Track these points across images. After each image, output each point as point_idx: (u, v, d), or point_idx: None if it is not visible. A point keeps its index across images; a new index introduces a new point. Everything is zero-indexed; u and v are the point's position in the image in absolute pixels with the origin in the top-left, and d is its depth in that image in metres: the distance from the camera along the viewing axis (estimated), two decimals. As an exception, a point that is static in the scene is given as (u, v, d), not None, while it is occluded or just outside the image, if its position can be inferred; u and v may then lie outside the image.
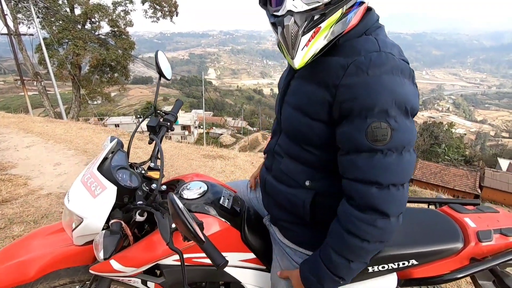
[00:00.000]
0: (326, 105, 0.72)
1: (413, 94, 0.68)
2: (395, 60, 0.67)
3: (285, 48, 0.71)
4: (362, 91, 0.65)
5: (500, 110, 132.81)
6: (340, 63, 0.70)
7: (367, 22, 0.75)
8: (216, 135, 43.26)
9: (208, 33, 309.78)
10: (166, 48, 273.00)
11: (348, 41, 0.73)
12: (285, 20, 0.66)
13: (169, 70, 1.21)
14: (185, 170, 3.40)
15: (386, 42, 0.72)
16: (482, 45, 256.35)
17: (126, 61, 16.35)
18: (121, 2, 15.80)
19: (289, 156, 0.88)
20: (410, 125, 0.67)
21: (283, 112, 0.89)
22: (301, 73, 0.82)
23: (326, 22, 0.67)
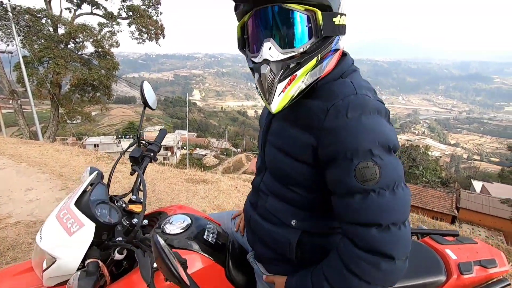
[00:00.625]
0: (311, 148, 0.73)
1: (391, 131, 0.70)
2: (371, 101, 0.70)
3: (262, 94, 0.73)
4: (344, 134, 0.66)
5: (470, 134, 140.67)
6: (320, 107, 0.72)
7: (342, 66, 0.79)
8: (199, 156, 42.72)
9: (193, 55, 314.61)
10: (150, 69, 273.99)
11: (326, 84, 0.76)
12: (261, 68, 0.68)
13: (154, 100, 1.21)
14: (167, 195, 3.30)
15: (362, 85, 0.74)
16: (452, 74, 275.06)
17: (109, 81, 16.17)
18: (108, 23, 15.91)
19: (274, 195, 0.88)
20: (395, 161, 0.68)
21: (266, 151, 0.90)
22: (283, 115, 0.83)
23: (302, 70, 0.69)
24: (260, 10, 0.69)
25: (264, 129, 0.93)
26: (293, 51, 0.68)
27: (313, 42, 0.69)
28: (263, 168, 0.95)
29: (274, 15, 0.68)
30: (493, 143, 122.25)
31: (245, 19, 0.74)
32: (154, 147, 1.15)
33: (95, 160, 4.44)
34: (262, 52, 0.68)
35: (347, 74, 0.78)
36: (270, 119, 0.90)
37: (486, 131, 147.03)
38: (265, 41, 0.68)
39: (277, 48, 0.68)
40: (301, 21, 0.68)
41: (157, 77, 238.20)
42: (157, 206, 3.00)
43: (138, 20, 15.68)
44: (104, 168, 4.09)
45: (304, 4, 0.66)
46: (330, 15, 0.68)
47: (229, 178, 4.64)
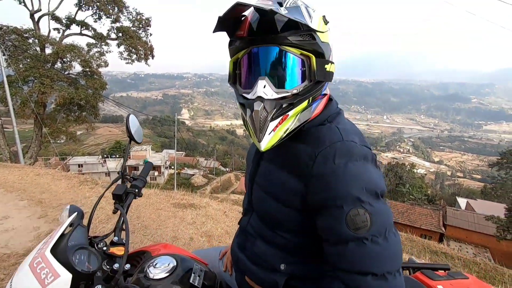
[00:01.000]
0: (299, 194, 0.73)
1: (378, 177, 0.70)
2: (357, 147, 0.70)
3: (252, 130, 0.73)
4: (332, 181, 0.67)
5: (453, 152, 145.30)
6: (308, 152, 0.72)
7: (329, 110, 0.81)
8: (187, 175, 42.07)
9: (182, 75, 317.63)
10: (139, 88, 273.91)
11: (313, 128, 0.77)
12: (255, 105, 0.69)
13: (140, 133, 1.18)
14: (153, 222, 3.18)
15: (347, 130, 0.75)
16: (432, 94, 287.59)
17: (96, 100, 15.99)
18: (97, 44, 15.97)
19: (262, 239, 0.86)
20: (384, 206, 0.68)
21: (254, 193, 0.89)
22: (271, 156, 0.84)
23: (293, 111, 0.71)
24: (257, 48, 0.70)
25: (252, 170, 0.92)
26: (286, 92, 0.70)
27: (306, 85, 0.71)
28: (250, 209, 0.94)
29: (271, 56, 0.70)
30: (474, 161, 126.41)
31: (239, 55, 0.75)
32: (139, 183, 1.10)
33: (77, 185, 4.27)
34: (256, 89, 0.69)
35: (332, 117, 0.80)
36: (258, 160, 0.90)
37: (467, 148, 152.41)
38: (260, 79, 0.70)
39: (272, 87, 0.69)
40: (297, 64, 0.70)
41: (145, 96, 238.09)
42: (142, 234, 2.88)
43: (127, 41, 15.82)
44: (87, 193, 3.94)
45: (300, 49, 0.69)
46: (322, 61, 0.72)
47: (217, 201, 4.54)
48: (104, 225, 2.86)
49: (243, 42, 0.72)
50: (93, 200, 3.60)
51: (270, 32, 0.66)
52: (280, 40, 0.67)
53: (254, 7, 0.65)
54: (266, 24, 0.65)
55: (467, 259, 6.07)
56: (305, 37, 0.68)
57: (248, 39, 0.70)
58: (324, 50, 0.71)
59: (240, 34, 0.71)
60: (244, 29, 0.69)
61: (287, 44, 0.68)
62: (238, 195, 24.32)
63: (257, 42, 0.70)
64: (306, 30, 0.68)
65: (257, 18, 0.67)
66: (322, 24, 0.72)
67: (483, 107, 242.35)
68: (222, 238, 3.03)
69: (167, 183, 38.18)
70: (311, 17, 0.70)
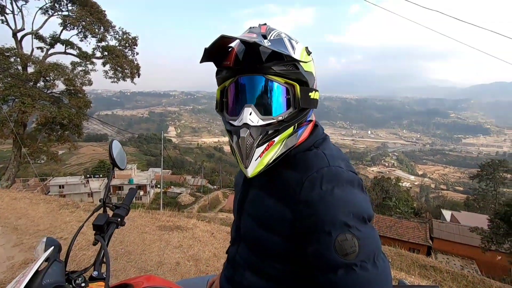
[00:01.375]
0: (288, 221, 0.72)
1: (365, 202, 0.71)
2: (344, 172, 0.72)
3: (239, 157, 0.74)
4: (320, 207, 0.67)
5: (435, 165, 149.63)
6: (296, 178, 0.73)
7: (315, 136, 0.83)
8: (174, 194, 41.11)
9: (169, 93, 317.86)
10: (125, 106, 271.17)
11: (300, 154, 0.79)
12: (241, 132, 0.71)
13: (124, 158, 1.15)
14: (137, 247, 3.05)
15: (334, 156, 0.77)
16: (413, 110, 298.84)
17: (80, 119, 15.65)
18: (81, 62, 15.82)
19: (251, 270, 0.84)
20: (371, 231, 0.68)
21: (242, 221, 0.88)
22: (259, 183, 0.84)
23: (279, 137, 0.73)
24: (244, 77, 0.74)
25: (241, 197, 0.91)
26: (272, 119, 0.72)
27: (291, 112, 0.74)
28: (238, 238, 0.92)
29: (256, 84, 0.73)
30: (456, 173, 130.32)
31: (226, 84, 0.78)
32: (122, 211, 1.05)
33: (57, 209, 4.06)
34: (242, 116, 0.72)
35: (319, 143, 0.82)
36: (247, 187, 0.89)
37: (449, 161, 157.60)
38: (246, 106, 0.72)
39: (258, 114, 0.72)
40: (282, 92, 0.73)
41: (131, 114, 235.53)
42: (125, 260, 2.75)
43: (113, 60, 15.78)
44: (67, 218, 3.76)
45: (284, 78, 0.72)
46: (306, 89, 0.75)
47: (204, 222, 4.42)
48: (84, 252, 2.72)
49: (230, 72, 0.75)
50: (73, 226, 3.43)
51: (255, 62, 0.70)
52: (265, 70, 0.70)
53: (240, 40, 0.68)
54: (252, 55, 0.69)
55: (456, 272, 6.12)
56: (288, 67, 0.72)
57: (235, 69, 0.73)
58: (307, 79, 0.74)
59: (227, 64, 0.74)
60: (231, 59, 0.73)
61: (271, 74, 0.71)
62: (226, 213, 23.87)
63: (243, 72, 0.73)
64: (289, 60, 0.71)
65: (243, 49, 0.71)
66: (305, 54, 0.76)
67: (461, 122, 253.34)
68: (210, 262, 2.92)
69: (153, 202, 37.13)
70: (294, 48, 0.73)
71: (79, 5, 14.79)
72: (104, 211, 1.01)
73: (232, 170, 73.02)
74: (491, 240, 14.42)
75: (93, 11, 15.01)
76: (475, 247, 17.25)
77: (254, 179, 0.79)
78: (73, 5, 15.06)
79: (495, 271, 13.39)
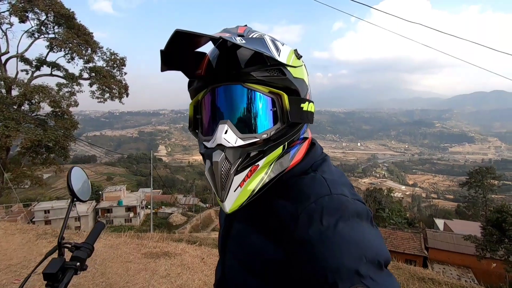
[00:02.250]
0: (278, 264, 0.58)
1: (378, 240, 0.55)
2: (349, 202, 0.57)
3: (213, 187, 0.59)
4: (321, 248, 0.51)
5: (425, 174, 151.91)
6: (290, 210, 0.59)
7: (312, 157, 0.69)
8: (165, 214, 40.08)
9: (159, 112, 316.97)
10: (114, 126, 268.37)
11: (294, 179, 0.64)
12: (214, 155, 0.57)
13: (88, 188, 1.00)
14: (120, 278, 2.83)
15: (335, 181, 0.62)
16: (400, 121, 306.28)
17: (67, 141, 15.27)
18: (67, 83, 15.63)
19: None
20: (389, 279, 0.51)
21: (227, 263, 0.74)
22: (244, 216, 0.70)
23: (265, 160, 0.59)
24: (218, 88, 0.61)
25: (223, 233, 0.76)
26: (254, 137, 0.59)
27: (279, 128, 0.61)
28: (222, 282, 0.76)
29: (233, 95, 0.60)
30: (445, 181, 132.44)
31: (199, 97, 0.65)
32: (83, 253, 0.87)
33: (34, 239, 3.79)
34: (216, 136, 0.58)
35: (317, 165, 0.67)
36: (230, 220, 0.75)
37: (437, 170, 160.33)
38: (220, 123, 0.58)
39: (235, 132, 0.58)
40: (265, 103, 0.60)
41: (120, 134, 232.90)
42: (107, 294, 2.53)
43: (100, 81, 15.67)
44: (44, 249, 3.50)
45: (268, 86, 0.59)
46: (297, 100, 0.62)
47: (194, 247, 4.19)
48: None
49: (202, 82, 0.62)
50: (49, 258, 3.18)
51: (231, 69, 0.58)
52: (243, 77, 0.58)
53: (204, 36, 0.54)
54: (227, 59, 0.58)
55: (454, 283, 5.99)
56: (273, 72, 0.59)
57: (207, 78, 0.61)
58: (298, 87, 0.61)
59: (199, 73, 0.62)
60: (203, 67, 0.61)
61: (251, 81, 0.58)
62: (219, 233, 23.21)
63: (217, 81, 0.60)
64: (273, 65, 0.58)
65: (216, 53, 0.60)
66: (293, 58, 0.63)
67: (446, 131, 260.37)
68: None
69: (143, 224, 36.03)
70: (278, 49, 0.60)
71: (66, 27, 14.78)
72: (59, 254, 0.84)
73: (224, 187, 71.85)
74: (485, 247, 14.46)
75: (80, 33, 15.01)
76: (470, 255, 17.24)
77: (237, 210, 0.62)
78: (59, 28, 15.04)
79: (491, 279, 13.33)
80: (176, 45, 0.55)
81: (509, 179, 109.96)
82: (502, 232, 13.57)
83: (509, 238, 13.26)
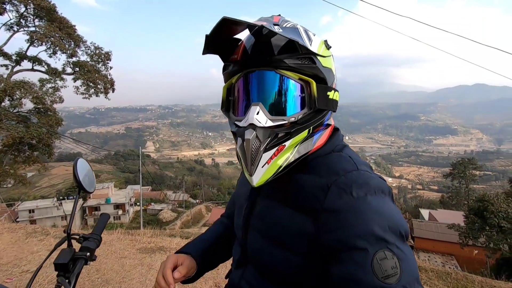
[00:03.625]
0: (307, 235, 0.61)
1: (399, 215, 0.60)
2: (375, 179, 0.62)
3: (243, 162, 0.64)
4: (351, 217, 0.56)
5: (410, 166, 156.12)
6: (318, 184, 0.63)
7: (334, 141, 0.74)
8: (155, 211, 39.72)
9: (146, 107, 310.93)
10: (100, 123, 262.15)
11: (319, 158, 0.69)
12: (246, 133, 0.61)
13: (92, 180, 1.00)
14: (116, 274, 2.81)
15: (360, 161, 0.68)
16: (386, 115, 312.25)
17: (51, 138, 14.82)
18: (51, 79, 15.11)
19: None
20: (410, 250, 0.57)
21: (249, 240, 0.75)
22: (269, 192, 0.73)
23: (291, 141, 0.63)
24: (252, 73, 0.65)
25: (246, 211, 0.78)
26: (283, 119, 0.63)
27: (306, 113, 0.65)
28: (243, 260, 0.78)
29: (266, 80, 0.64)
30: (430, 173, 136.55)
31: (233, 80, 0.69)
32: (92, 243, 0.88)
33: (23, 238, 3.69)
34: (248, 116, 0.62)
35: (339, 148, 0.72)
36: (253, 197, 0.77)
37: (423, 162, 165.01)
38: (253, 105, 0.63)
39: (266, 114, 0.62)
40: (295, 89, 0.64)
41: (106, 131, 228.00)
42: (103, 290, 2.51)
43: (84, 76, 15.21)
44: (35, 247, 3.43)
45: (299, 73, 0.63)
46: (325, 88, 0.66)
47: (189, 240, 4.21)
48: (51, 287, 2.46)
49: (237, 66, 0.67)
50: (42, 256, 3.12)
51: (265, 55, 0.62)
52: (276, 63, 0.62)
53: (246, 23, 0.59)
54: (262, 46, 0.62)
55: (440, 270, 6.24)
56: (304, 60, 0.62)
57: (242, 63, 0.65)
58: (325, 76, 0.65)
59: (234, 58, 0.66)
60: (239, 52, 0.65)
61: (283, 68, 0.62)
62: (210, 228, 23.21)
63: (251, 66, 0.64)
64: (305, 53, 0.62)
65: (252, 41, 0.63)
66: (323, 48, 0.67)
67: (431, 124, 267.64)
68: (197, 284, 2.74)
69: (132, 221, 35.63)
70: (310, 39, 0.65)
71: (47, 20, 14.23)
72: (68, 245, 0.84)
73: (214, 183, 71.98)
74: (467, 235, 15.03)
75: (62, 26, 14.49)
76: (453, 244, 17.93)
77: (264, 187, 0.67)
78: (40, 21, 14.47)
79: (473, 265, 13.93)
80: (220, 31, 0.61)
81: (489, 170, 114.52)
82: (484, 220, 14.13)
83: (490, 225, 13.81)
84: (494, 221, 13.47)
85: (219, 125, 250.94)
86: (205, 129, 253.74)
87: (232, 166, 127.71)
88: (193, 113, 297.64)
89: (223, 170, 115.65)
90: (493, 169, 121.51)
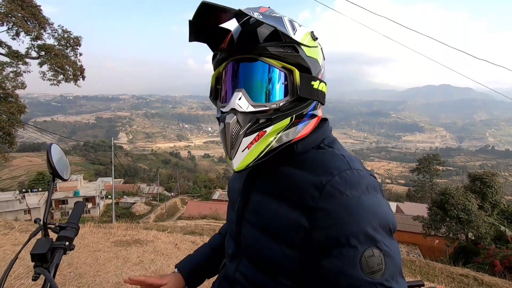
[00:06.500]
0: (302, 230, 0.63)
1: (389, 209, 0.65)
2: (366, 177, 0.65)
3: (224, 146, 0.66)
4: (344, 216, 0.59)
5: (381, 161, 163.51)
6: (312, 181, 0.64)
7: (322, 132, 0.76)
8: (127, 204, 38.47)
9: (118, 96, 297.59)
10: (67, 112, 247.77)
11: (312, 152, 0.71)
12: (227, 118, 0.63)
13: (67, 167, 0.94)
14: (90, 268, 2.70)
15: (352, 158, 0.70)
16: (360, 111, 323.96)
17: (12, 127, 13.78)
18: (12, 62, 13.95)
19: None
20: (396, 245, 0.62)
21: (244, 233, 0.76)
22: (263, 187, 0.74)
23: (272, 128, 0.64)
24: (236, 60, 0.67)
25: (240, 205, 0.78)
26: (264, 106, 0.64)
27: (288, 100, 0.66)
28: (238, 254, 0.79)
29: (249, 67, 0.66)
30: (398, 168, 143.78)
31: (221, 69, 0.71)
32: (70, 232, 0.84)
33: (-15, 232, 3.46)
34: (230, 101, 0.64)
35: (330, 141, 0.75)
36: (248, 192, 0.78)
37: (392, 157, 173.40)
38: (236, 91, 0.65)
39: (248, 100, 0.64)
40: (278, 77, 0.66)
41: (75, 120, 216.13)
42: (76, 285, 2.41)
43: (52, 60, 14.20)
44: (-1, 242, 3.20)
45: (281, 61, 0.64)
46: (308, 77, 0.67)
47: (166, 234, 4.12)
48: (22, 281, 2.32)
49: (224, 54, 0.69)
50: (7, 251, 2.93)
51: (250, 43, 0.64)
52: (259, 51, 0.64)
53: (223, 8, 0.60)
54: (247, 34, 0.64)
55: (405, 259, 6.69)
56: (287, 49, 0.64)
57: (228, 51, 0.67)
58: (310, 65, 0.67)
59: (222, 47, 0.69)
60: (226, 41, 0.68)
61: (267, 55, 0.64)
62: (186, 221, 23.01)
63: (236, 53, 0.66)
64: (288, 42, 0.64)
65: (238, 30, 0.66)
66: (308, 38, 0.69)
67: (401, 121, 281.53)
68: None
69: (103, 215, 34.28)
70: (294, 29, 0.66)
71: (8, -2, 13.05)
72: (45, 234, 0.80)
73: (189, 176, 70.95)
74: (430, 226, 16.09)
75: (25, 5, 13.35)
76: (417, 234, 19.13)
77: (257, 181, 0.70)
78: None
79: (434, 254, 14.96)
80: (203, 17, 0.63)
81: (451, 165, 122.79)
82: (445, 212, 15.18)
83: (450, 217, 14.87)
84: (454, 212, 14.49)
85: (196, 117, 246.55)
86: (181, 121, 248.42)
87: (208, 159, 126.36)
88: (168, 104, 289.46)
89: (200, 163, 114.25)
90: (454, 165, 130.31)
